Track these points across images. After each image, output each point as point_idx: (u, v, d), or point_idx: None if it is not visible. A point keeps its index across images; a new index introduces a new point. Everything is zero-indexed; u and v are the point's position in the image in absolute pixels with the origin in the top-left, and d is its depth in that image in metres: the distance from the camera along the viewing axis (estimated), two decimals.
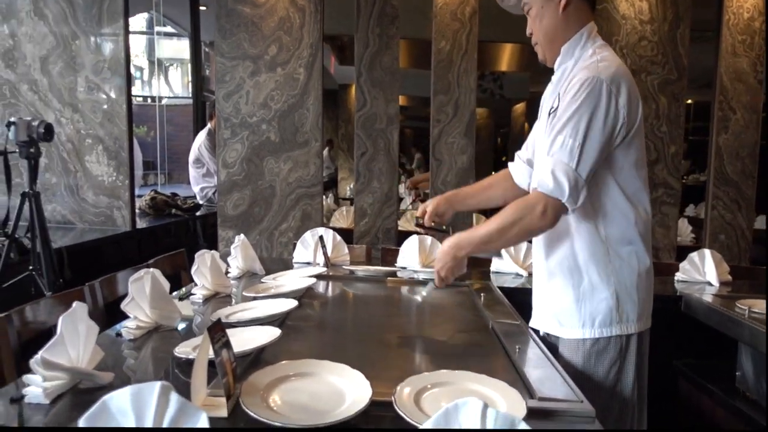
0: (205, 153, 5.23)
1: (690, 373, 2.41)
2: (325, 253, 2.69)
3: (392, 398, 1.14)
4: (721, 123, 3.68)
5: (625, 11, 3.61)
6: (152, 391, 0.83)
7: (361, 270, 2.57)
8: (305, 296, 2.14)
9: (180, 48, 10.45)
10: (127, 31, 3.84)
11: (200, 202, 5.24)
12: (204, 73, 7.86)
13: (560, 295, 1.68)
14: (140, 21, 9.01)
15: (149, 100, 10.55)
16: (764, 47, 3.62)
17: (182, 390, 0.93)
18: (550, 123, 1.58)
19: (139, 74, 10.77)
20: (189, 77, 8.36)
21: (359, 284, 2.46)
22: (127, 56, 3.84)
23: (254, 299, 1.98)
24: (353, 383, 1.20)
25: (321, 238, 2.74)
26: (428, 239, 2.85)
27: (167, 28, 9.06)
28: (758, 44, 3.64)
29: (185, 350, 1.42)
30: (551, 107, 1.64)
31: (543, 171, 1.51)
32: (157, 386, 0.83)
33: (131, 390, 0.83)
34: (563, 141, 1.49)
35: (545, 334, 1.75)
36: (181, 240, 4.54)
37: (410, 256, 2.79)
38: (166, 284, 1.77)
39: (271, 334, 1.49)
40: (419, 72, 4.84)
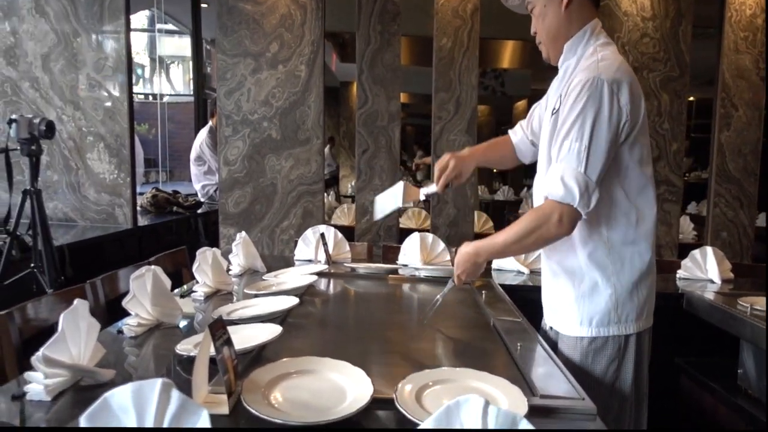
0: (207, 150, 5.22)
1: (692, 371, 2.40)
2: (327, 251, 2.69)
3: (394, 395, 1.13)
4: (724, 120, 3.68)
5: (627, 8, 3.60)
6: (153, 388, 0.83)
7: (363, 267, 2.57)
8: (306, 294, 2.14)
9: (181, 45, 10.44)
10: (129, 29, 3.83)
11: (201, 200, 5.24)
12: (205, 71, 7.85)
13: (561, 293, 1.70)
14: (141, 18, 9.01)
15: (150, 98, 10.55)
16: (766, 44, 3.61)
17: (183, 387, 0.93)
18: (556, 128, 1.58)
19: (141, 72, 10.78)
20: (190, 75, 8.35)
21: (360, 282, 2.46)
22: (129, 53, 3.84)
23: (255, 296, 1.98)
24: (354, 380, 1.20)
25: (322, 236, 2.74)
26: (429, 236, 2.85)
27: (168, 26, 9.05)
28: (760, 41, 3.63)
29: (186, 347, 1.42)
30: (554, 108, 1.63)
31: (553, 178, 1.50)
32: (159, 383, 0.83)
33: (132, 387, 0.83)
34: (570, 146, 1.48)
35: (549, 328, 1.77)
36: (183, 237, 4.55)
37: (412, 254, 2.79)
38: (168, 281, 1.77)
39: (273, 332, 1.48)
40: (420, 69, 4.83)
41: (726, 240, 3.71)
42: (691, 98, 3.95)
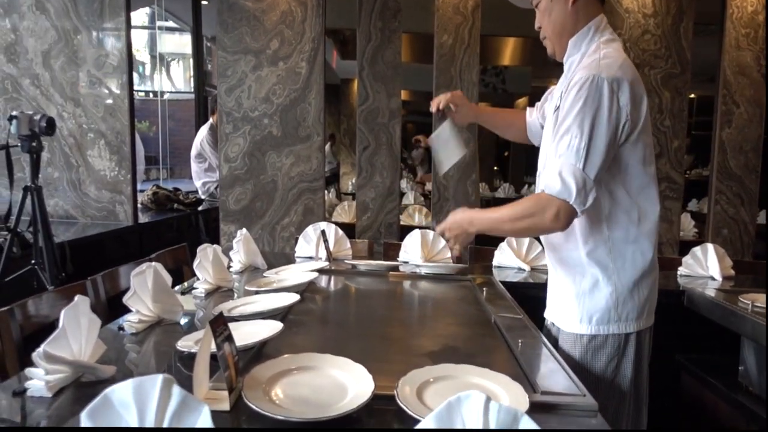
0: (207, 148, 5.22)
1: (692, 368, 2.40)
2: (327, 248, 2.68)
3: (394, 392, 1.13)
4: (725, 117, 3.67)
5: (629, 5, 3.59)
6: (154, 384, 0.82)
7: (363, 264, 2.56)
8: (307, 290, 2.13)
9: (182, 43, 10.42)
10: (129, 26, 3.83)
11: (202, 197, 5.24)
12: (206, 68, 7.85)
13: (563, 289, 1.71)
14: (142, 16, 8.99)
15: (151, 95, 10.54)
16: (767, 41, 3.61)
17: (184, 384, 0.93)
18: (555, 125, 1.57)
19: (141, 69, 10.77)
20: (191, 72, 8.35)
21: (361, 279, 2.46)
22: (129, 51, 3.84)
23: (256, 293, 1.98)
24: (355, 377, 1.20)
25: (323, 233, 2.73)
26: (430, 233, 2.84)
27: (169, 23, 9.03)
28: (762, 38, 3.62)
29: (187, 344, 1.42)
30: (556, 105, 1.63)
31: (551, 173, 1.49)
32: (159, 379, 0.82)
33: (133, 383, 0.82)
34: (569, 142, 1.47)
35: (551, 324, 1.77)
36: (183, 235, 4.54)
37: (413, 251, 2.78)
38: (169, 278, 1.77)
39: (273, 328, 1.48)
40: (421, 66, 4.83)
41: (727, 237, 3.71)
42: (692, 96, 3.96)
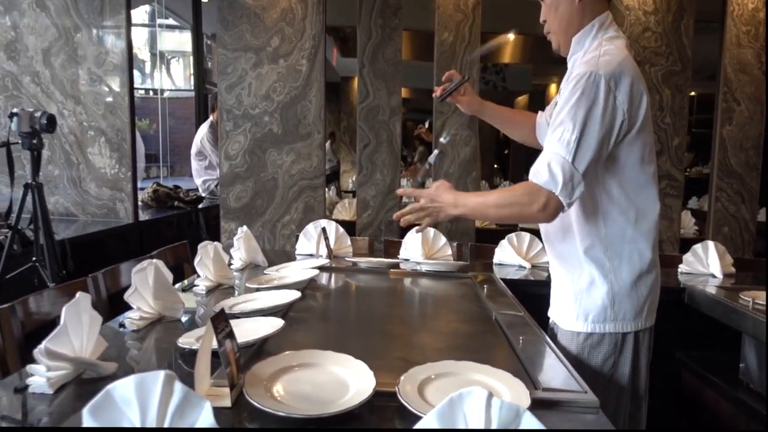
0: (208, 145, 5.22)
1: (693, 365, 2.40)
2: (328, 245, 2.69)
3: (396, 388, 1.13)
4: (725, 114, 3.67)
5: (629, 2, 3.58)
6: (156, 380, 0.82)
7: (364, 262, 2.56)
8: (308, 288, 2.13)
9: (182, 40, 10.41)
10: (129, 23, 3.83)
11: (202, 195, 5.24)
12: (206, 66, 7.84)
13: (561, 286, 1.72)
14: (142, 14, 8.98)
15: (151, 93, 10.53)
16: (767, 38, 3.60)
17: (186, 380, 0.92)
18: (552, 117, 1.57)
19: (141, 66, 10.75)
20: (191, 70, 8.34)
21: (362, 276, 2.46)
22: (130, 48, 3.84)
23: (257, 290, 1.98)
24: (357, 373, 1.20)
25: (324, 230, 2.73)
26: (431, 231, 2.84)
27: (169, 21, 9.02)
28: (763, 35, 3.62)
29: (188, 341, 1.42)
30: (555, 101, 1.63)
31: (540, 162, 1.49)
32: (161, 375, 0.82)
33: (135, 379, 0.82)
34: (561, 135, 1.47)
35: (553, 322, 1.78)
36: (184, 232, 4.55)
37: (413, 248, 2.78)
38: (170, 275, 1.76)
39: (274, 325, 1.48)
40: (421, 64, 4.82)
41: (727, 235, 3.71)
42: (692, 93, 3.95)
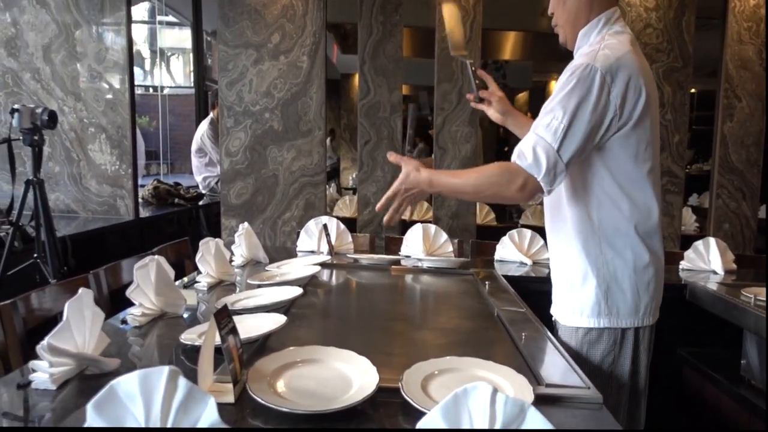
0: (208, 142, 5.22)
1: (694, 362, 2.40)
2: (329, 242, 2.68)
3: (399, 384, 1.13)
4: (727, 111, 3.66)
5: None
6: (160, 376, 0.82)
7: (365, 258, 2.56)
8: (309, 284, 2.13)
9: (181, 37, 10.39)
10: (130, 20, 3.82)
11: (203, 192, 5.24)
12: (206, 63, 7.83)
13: (558, 281, 1.73)
14: (142, 11, 8.97)
15: (151, 90, 10.52)
16: (767, 35, 3.59)
17: (188, 376, 0.92)
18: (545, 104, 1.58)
19: (141, 63, 10.74)
20: (191, 67, 8.33)
21: (363, 273, 2.45)
22: (130, 45, 3.83)
23: (258, 287, 1.98)
24: (360, 369, 1.20)
25: (325, 227, 2.73)
26: (432, 227, 2.84)
27: (169, 18, 9.01)
28: (764, 31, 3.61)
29: (191, 337, 1.42)
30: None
31: (525, 145, 1.49)
32: (166, 371, 0.82)
33: (139, 375, 0.82)
34: (550, 121, 1.48)
35: (554, 320, 1.77)
36: (184, 229, 4.55)
37: (414, 245, 2.78)
38: (171, 272, 1.76)
39: (277, 321, 1.48)
40: (421, 61, 4.82)
41: (728, 231, 3.70)
42: (693, 90, 3.94)
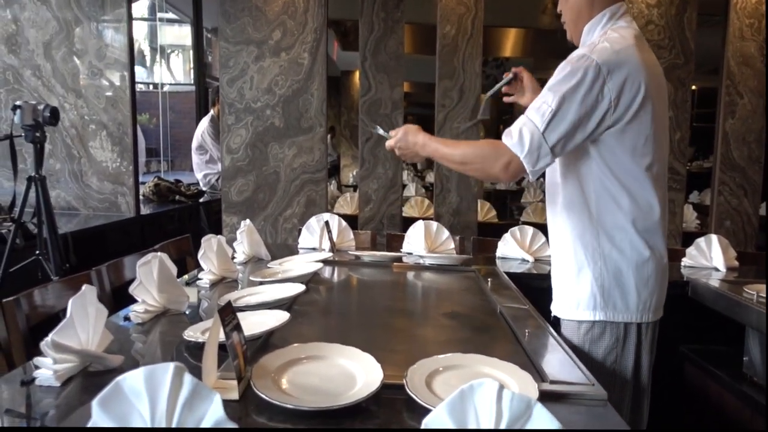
0: (208, 139, 5.21)
1: (697, 359, 2.40)
2: (331, 239, 2.68)
3: (404, 381, 1.13)
4: (728, 108, 3.66)
5: None
6: (166, 373, 0.82)
7: (367, 255, 2.56)
8: (312, 281, 2.13)
9: (181, 35, 10.36)
10: (130, 17, 3.82)
11: (203, 189, 5.23)
12: (206, 60, 7.82)
13: (556, 272, 1.73)
14: (142, 8, 8.95)
15: (151, 87, 10.50)
16: (767, 32, 3.58)
17: (192, 374, 0.92)
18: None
19: (141, 60, 10.72)
20: (191, 64, 8.31)
21: (365, 269, 2.45)
22: (131, 42, 3.83)
23: (261, 284, 1.98)
24: (364, 366, 1.20)
25: (327, 224, 2.73)
26: (434, 224, 2.84)
27: (169, 15, 8.99)
28: (765, 28, 3.60)
29: (194, 334, 1.42)
30: None
31: (514, 125, 1.52)
32: (171, 367, 0.82)
33: (145, 371, 0.82)
34: (540, 105, 1.50)
35: (554, 316, 1.77)
36: (185, 226, 4.54)
37: (416, 242, 2.78)
38: (174, 268, 1.76)
39: (280, 318, 1.48)
40: (422, 58, 4.81)
41: (730, 228, 3.70)
42: (694, 87, 3.93)
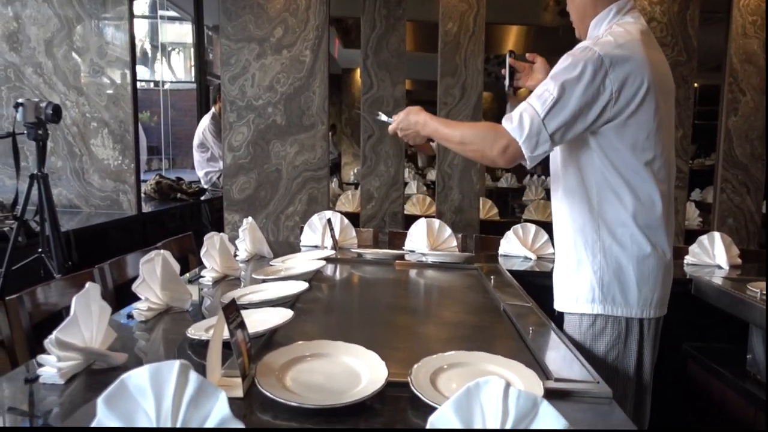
0: (210, 137, 5.20)
1: (700, 356, 2.40)
2: (334, 236, 2.68)
3: (408, 379, 1.13)
4: (731, 105, 3.65)
5: None
6: (171, 370, 0.82)
7: (370, 253, 2.56)
8: (314, 279, 2.13)
9: (182, 32, 10.35)
10: (132, 14, 3.81)
11: (204, 187, 5.23)
12: (207, 58, 7.81)
13: (559, 266, 1.73)
14: (142, 5, 8.94)
15: (152, 85, 10.49)
16: (767, 28, 3.57)
17: (196, 371, 0.92)
18: None
19: (142, 58, 10.71)
20: (191, 62, 8.30)
21: (368, 267, 2.45)
22: (132, 39, 3.82)
23: (263, 282, 1.97)
24: (369, 364, 1.19)
25: (329, 221, 2.73)
26: (436, 222, 2.83)
27: (170, 12, 8.98)
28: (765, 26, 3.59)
29: (198, 332, 1.41)
30: None
31: (515, 110, 1.53)
32: (177, 365, 0.82)
33: (150, 369, 0.82)
34: (542, 92, 1.50)
35: (558, 313, 1.76)
36: (187, 224, 4.54)
37: (418, 240, 2.78)
38: (177, 266, 1.76)
39: (284, 316, 1.48)
40: (423, 56, 4.80)
41: (732, 226, 3.69)
42: (695, 85, 3.93)
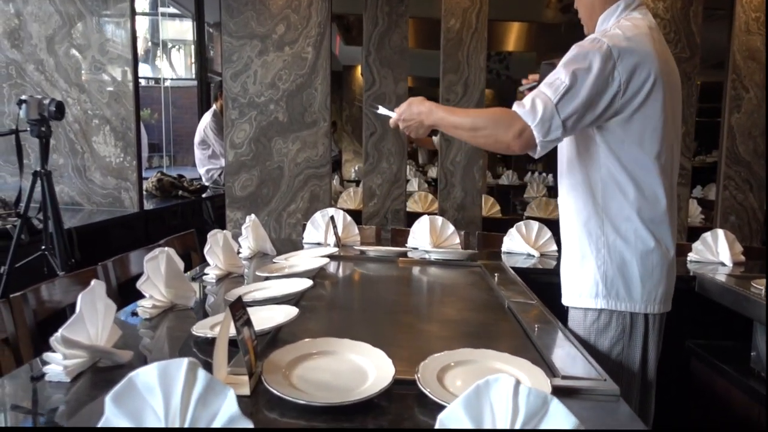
0: (211, 134, 5.20)
1: (704, 354, 2.39)
2: (336, 234, 2.68)
3: (416, 376, 1.12)
4: (734, 102, 3.64)
5: None
6: (179, 368, 0.81)
7: (373, 250, 2.55)
8: (318, 276, 2.12)
9: (183, 29, 10.34)
10: (133, 11, 3.80)
11: (206, 184, 5.22)
12: (208, 55, 7.80)
13: (564, 260, 1.74)
14: (143, 3, 8.93)
15: (152, 82, 10.48)
16: (767, 25, 3.56)
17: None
18: None
19: (143, 55, 10.70)
20: (192, 59, 8.30)
21: (371, 264, 2.45)
22: (134, 36, 3.81)
23: (267, 279, 1.97)
24: (375, 361, 1.19)
25: (332, 219, 2.72)
26: (439, 219, 2.83)
27: (170, 9, 8.97)
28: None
29: (203, 329, 1.41)
30: None
31: (527, 97, 1.52)
32: (185, 363, 0.81)
33: (158, 366, 0.81)
34: (553, 80, 1.50)
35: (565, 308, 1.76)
36: (188, 221, 4.54)
37: (421, 237, 2.77)
38: (181, 263, 1.76)
39: (289, 313, 1.47)
40: (425, 53, 4.78)
41: (735, 223, 3.68)
42: (697, 82, 3.92)
